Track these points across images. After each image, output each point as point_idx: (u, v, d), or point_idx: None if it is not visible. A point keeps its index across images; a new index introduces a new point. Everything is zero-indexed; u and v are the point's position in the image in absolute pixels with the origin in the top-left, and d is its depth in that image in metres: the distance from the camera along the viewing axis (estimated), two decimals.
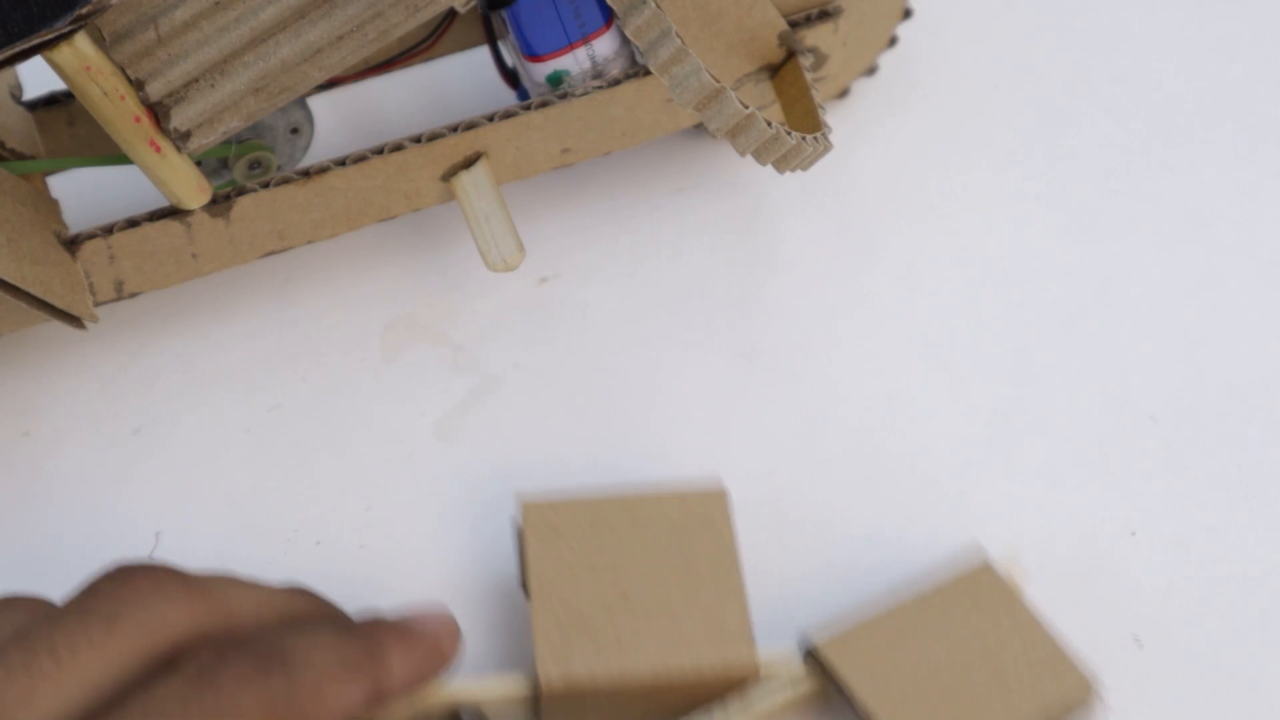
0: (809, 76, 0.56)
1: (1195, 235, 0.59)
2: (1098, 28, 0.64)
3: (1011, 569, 0.50)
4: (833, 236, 0.59)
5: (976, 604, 0.48)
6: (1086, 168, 0.61)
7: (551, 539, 0.49)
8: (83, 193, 0.57)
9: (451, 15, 0.57)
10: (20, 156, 0.54)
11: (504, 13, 0.54)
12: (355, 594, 0.51)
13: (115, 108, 0.49)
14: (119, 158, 0.54)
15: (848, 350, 0.57)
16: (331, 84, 0.58)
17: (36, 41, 0.47)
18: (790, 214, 0.59)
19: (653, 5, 0.49)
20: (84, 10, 0.47)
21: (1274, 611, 0.52)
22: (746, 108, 0.50)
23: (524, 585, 0.49)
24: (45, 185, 0.55)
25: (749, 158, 0.58)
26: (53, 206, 0.53)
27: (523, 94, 0.58)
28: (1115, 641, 0.51)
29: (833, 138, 0.55)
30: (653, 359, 0.56)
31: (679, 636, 0.48)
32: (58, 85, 0.54)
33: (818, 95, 0.55)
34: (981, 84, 0.62)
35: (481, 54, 0.60)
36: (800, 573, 0.52)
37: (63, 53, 0.48)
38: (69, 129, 0.56)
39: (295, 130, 0.56)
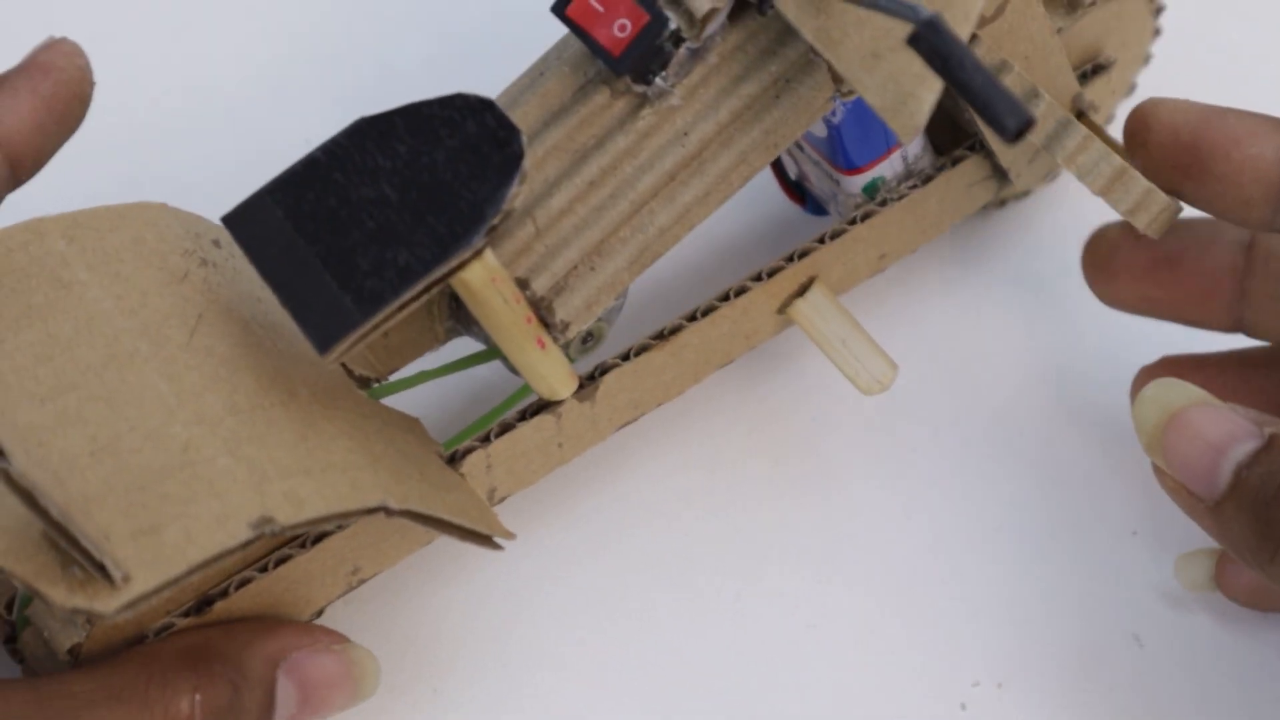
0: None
1: None
2: None
3: None
4: None
5: None
6: None
7: None
8: None
9: None
10: (364, 379, 0.50)
11: (828, 133, 0.52)
12: None
13: (512, 313, 0.47)
14: (474, 359, 0.51)
15: None
16: None
17: (456, 264, 0.45)
18: None
19: (1046, 97, 0.47)
20: (494, 221, 0.45)
21: (1274, 611, 0.52)
22: (1147, 182, 0.49)
23: None
24: None
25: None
26: (415, 425, 0.50)
27: (813, 207, 0.56)
28: (1115, 641, 0.52)
29: None
30: None
31: None
32: None
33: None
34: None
35: None
36: None
37: (474, 270, 0.45)
38: (384, 340, 0.52)
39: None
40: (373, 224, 0.45)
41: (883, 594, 0.53)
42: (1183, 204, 0.50)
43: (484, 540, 0.48)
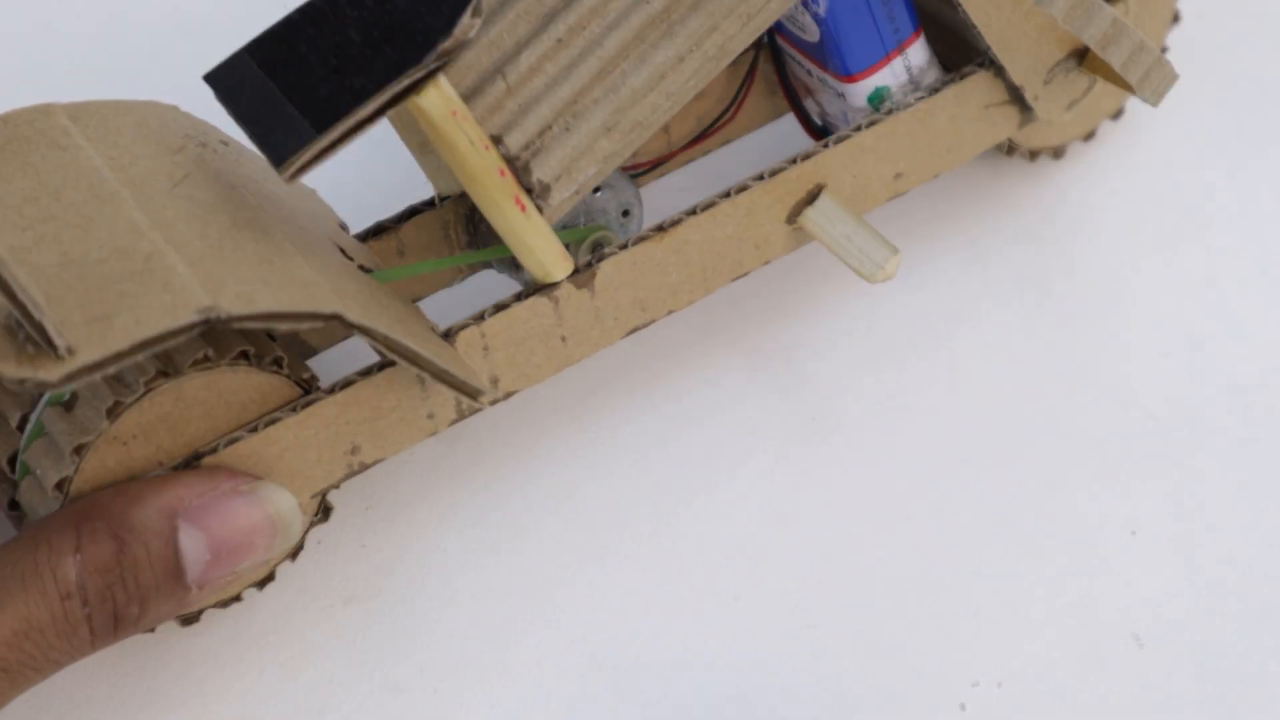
0: None
1: None
2: None
3: None
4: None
5: None
6: None
7: None
8: None
9: (749, 81, 0.57)
10: (363, 268, 0.52)
11: (820, 32, 0.53)
12: None
13: (482, 159, 0.48)
14: (475, 254, 0.52)
15: None
16: (638, 170, 0.56)
17: (406, 83, 0.46)
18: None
19: None
20: (447, 45, 0.46)
21: (1274, 611, 0.52)
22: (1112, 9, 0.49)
23: None
24: None
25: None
26: (410, 304, 0.51)
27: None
28: (1115, 641, 0.51)
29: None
30: None
31: None
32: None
33: None
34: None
35: (776, 132, 0.59)
36: None
37: (429, 95, 0.47)
38: (399, 258, 0.54)
39: (627, 213, 0.54)
40: (336, 61, 0.47)
41: (883, 594, 0.53)
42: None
43: (463, 388, 0.49)
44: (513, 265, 0.53)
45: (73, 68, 0.64)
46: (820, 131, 0.57)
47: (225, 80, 0.49)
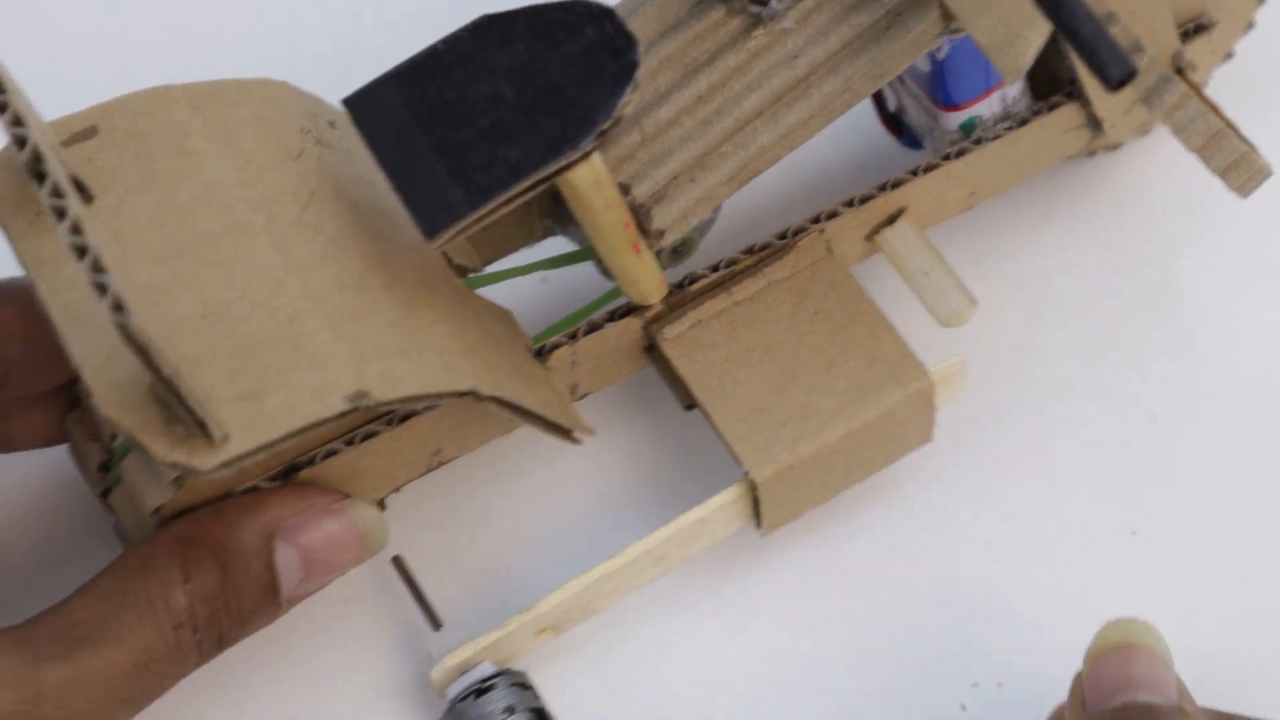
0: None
1: None
2: None
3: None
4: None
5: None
6: None
7: (695, 353, 0.51)
8: None
9: None
10: (461, 269, 0.52)
11: (931, 68, 0.53)
12: None
13: (613, 216, 0.48)
14: (568, 259, 0.52)
15: None
16: None
17: (563, 165, 0.46)
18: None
19: (1150, 51, 0.48)
20: (605, 126, 0.46)
21: (1274, 611, 0.53)
22: (1245, 143, 0.50)
23: (687, 405, 0.52)
24: None
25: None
26: (507, 316, 0.52)
27: (909, 139, 0.58)
28: None
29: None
30: None
31: (852, 386, 0.51)
32: None
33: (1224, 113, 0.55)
34: None
35: None
36: None
37: (581, 172, 0.47)
38: (483, 232, 0.54)
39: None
40: (487, 120, 0.47)
41: (883, 594, 0.53)
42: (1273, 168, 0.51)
43: (563, 433, 0.50)
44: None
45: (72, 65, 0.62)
46: (892, 118, 0.58)
47: (366, 110, 0.48)
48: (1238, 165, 0.51)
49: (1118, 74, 0.41)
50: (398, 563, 0.52)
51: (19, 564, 0.53)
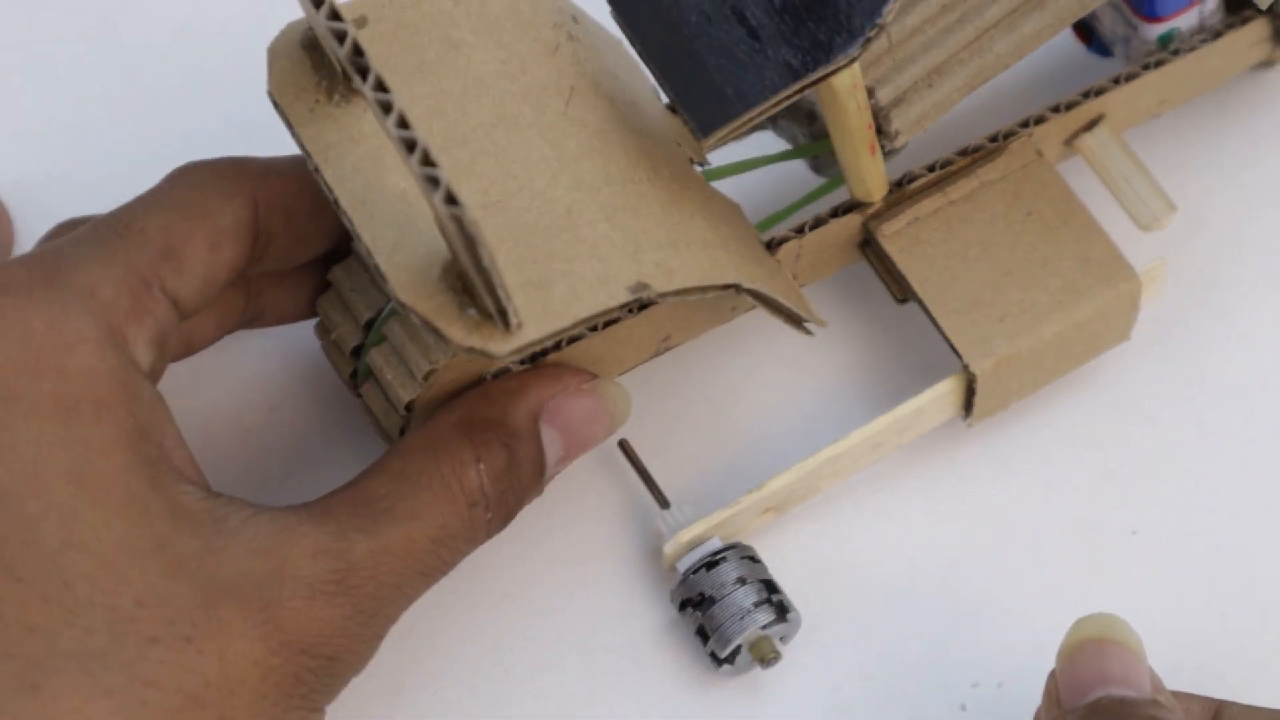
0: None
1: None
2: None
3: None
4: None
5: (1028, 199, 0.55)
6: None
7: (914, 249, 0.54)
8: None
9: None
10: (690, 163, 0.54)
11: None
12: None
13: (861, 118, 0.50)
14: (797, 152, 0.54)
15: None
16: None
17: (831, 70, 0.48)
18: None
19: None
20: (871, 34, 0.48)
21: (1274, 611, 0.53)
22: None
23: (901, 299, 0.54)
24: None
25: None
26: (738, 209, 0.54)
27: (1098, 47, 0.60)
28: None
29: None
30: None
31: (1066, 285, 0.53)
32: None
33: None
34: None
35: None
36: None
37: (843, 77, 0.49)
38: None
39: None
40: (755, 19, 0.48)
41: (883, 594, 0.54)
42: None
43: (799, 324, 0.52)
44: (829, 163, 0.55)
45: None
46: (1082, 25, 0.60)
47: (630, 6, 0.49)
48: None
49: None
50: (624, 446, 0.55)
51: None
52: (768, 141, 0.57)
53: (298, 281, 0.53)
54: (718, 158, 0.54)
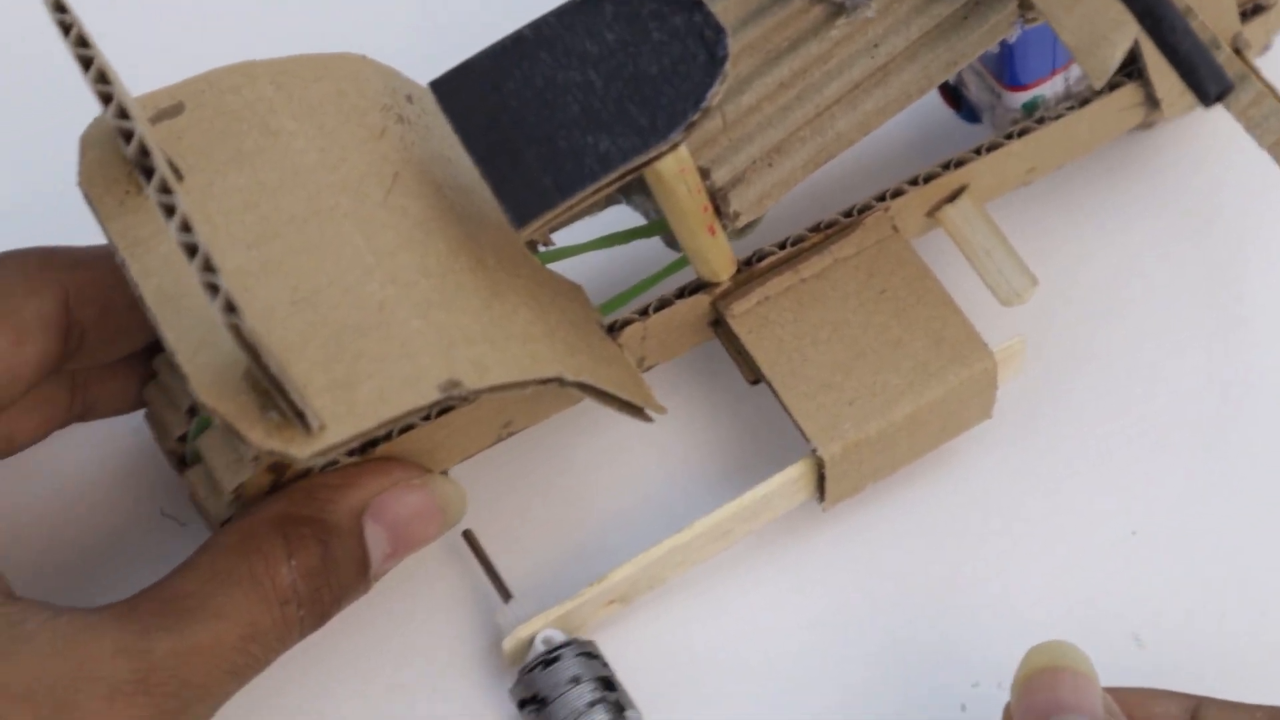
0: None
1: None
2: None
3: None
4: None
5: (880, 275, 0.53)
6: None
7: (763, 329, 0.52)
8: None
9: None
10: (531, 243, 0.52)
11: (1000, 50, 0.54)
12: None
13: (694, 201, 0.49)
14: (637, 233, 0.53)
15: None
16: None
17: (653, 156, 0.46)
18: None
19: (1226, 49, 0.49)
20: (694, 118, 0.46)
21: (1274, 611, 0.53)
22: None
23: (752, 380, 0.53)
24: None
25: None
26: (579, 292, 0.52)
27: (967, 114, 0.58)
28: (1115, 641, 0.52)
29: None
30: None
31: (918, 365, 0.52)
32: None
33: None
34: None
35: None
36: None
37: (668, 161, 0.47)
38: None
39: None
40: (576, 108, 0.47)
41: (883, 594, 0.54)
42: None
43: (637, 412, 0.51)
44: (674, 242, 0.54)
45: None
46: (951, 91, 0.58)
47: (453, 94, 0.48)
48: None
49: (1215, 91, 0.42)
50: (469, 537, 0.53)
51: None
52: (625, 215, 0.55)
53: (128, 372, 0.52)
54: (568, 235, 0.53)
